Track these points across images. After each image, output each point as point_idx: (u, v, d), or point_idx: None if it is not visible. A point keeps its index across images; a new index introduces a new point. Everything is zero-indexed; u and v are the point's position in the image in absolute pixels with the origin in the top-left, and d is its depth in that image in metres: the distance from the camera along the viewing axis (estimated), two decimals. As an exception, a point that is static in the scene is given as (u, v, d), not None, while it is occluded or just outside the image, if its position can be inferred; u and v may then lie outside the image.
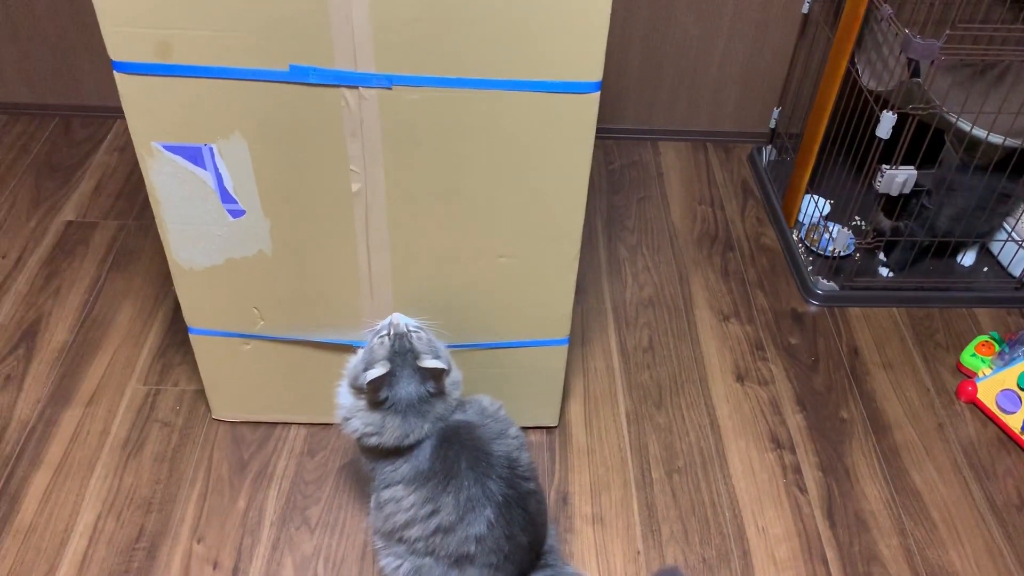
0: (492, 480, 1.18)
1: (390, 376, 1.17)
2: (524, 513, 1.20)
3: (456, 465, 1.18)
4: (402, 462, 1.20)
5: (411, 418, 1.18)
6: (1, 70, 2.19)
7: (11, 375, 1.62)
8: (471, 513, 1.17)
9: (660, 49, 2.15)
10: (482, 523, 1.17)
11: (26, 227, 1.93)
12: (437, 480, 1.18)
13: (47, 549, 1.36)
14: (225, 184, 1.22)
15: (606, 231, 2.02)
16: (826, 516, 1.47)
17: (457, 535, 1.17)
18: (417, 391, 1.18)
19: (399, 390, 1.18)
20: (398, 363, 1.18)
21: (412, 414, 1.18)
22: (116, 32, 1.08)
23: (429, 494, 1.18)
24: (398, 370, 1.18)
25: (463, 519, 1.17)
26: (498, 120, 1.15)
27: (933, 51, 1.54)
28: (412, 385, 1.18)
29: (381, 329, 1.22)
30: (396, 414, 1.18)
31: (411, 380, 1.18)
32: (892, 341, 1.79)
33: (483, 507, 1.17)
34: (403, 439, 1.18)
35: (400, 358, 1.18)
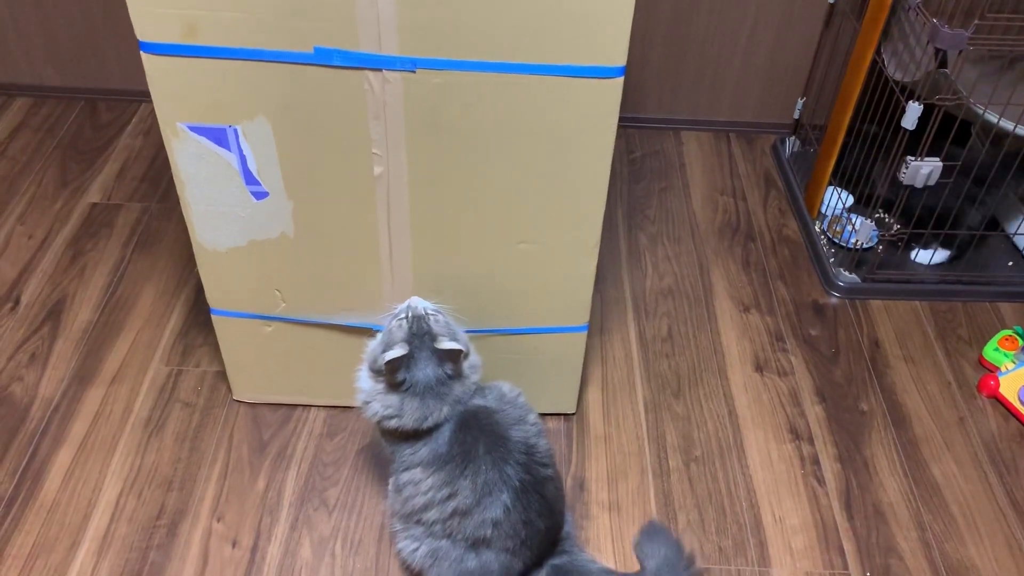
0: (509, 465, 1.18)
1: (408, 358, 1.18)
2: (541, 499, 1.21)
3: (474, 449, 1.18)
4: (421, 445, 1.21)
5: (429, 400, 1.18)
6: (29, 53, 2.21)
7: (36, 353, 1.64)
8: (488, 497, 1.17)
9: (684, 38, 2.13)
10: (499, 507, 1.17)
11: (52, 208, 1.95)
12: (455, 464, 1.18)
13: (70, 525, 1.38)
14: (249, 166, 1.22)
15: (627, 220, 2.02)
16: (844, 508, 1.47)
17: (474, 519, 1.18)
18: (435, 373, 1.18)
19: (417, 372, 1.18)
20: (416, 345, 1.18)
21: (430, 396, 1.18)
22: (144, 12, 1.09)
23: (447, 477, 1.18)
24: (416, 352, 1.18)
25: (480, 503, 1.17)
26: (521, 104, 1.15)
27: (961, 41, 1.52)
28: (430, 367, 1.18)
29: (399, 312, 1.22)
30: (414, 396, 1.18)
31: (429, 362, 1.18)
32: (914, 334, 1.78)
33: (500, 492, 1.17)
34: (422, 421, 1.19)
35: (418, 340, 1.19)
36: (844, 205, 1.99)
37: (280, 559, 1.35)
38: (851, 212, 1.98)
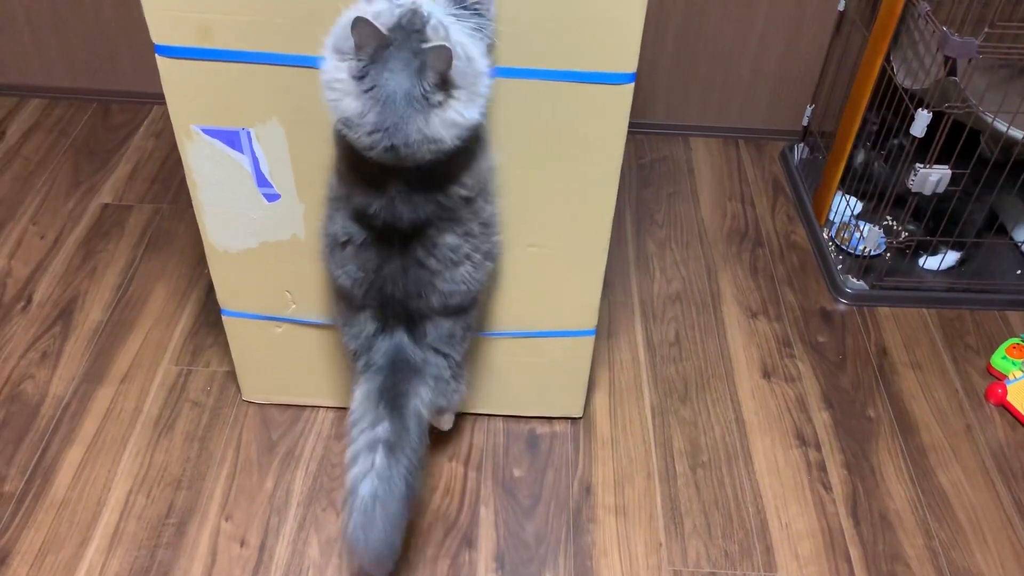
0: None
1: (381, 50, 0.94)
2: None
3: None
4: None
5: (390, 116, 0.96)
6: (44, 55, 2.23)
7: (47, 352, 1.65)
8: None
9: (693, 44, 2.14)
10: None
11: (64, 208, 1.97)
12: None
13: (80, 522, 1.39)
14: (261, 168, 1.24)
15: (635, 225, 2.02)
16: (850, 514, 1.47)
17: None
18: (410, 86, 0.95)
19: (386, 75, 0.95)
20: (398, 40, 0.95)
21: (392, 113, 0.96)
22: (159, 16, 1.10)
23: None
24: (395, 48, 0.94)
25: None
26: (532, 109, 1.16)
27: (971, 49, 1.52)
28: (404, 76, 0.94)
29: (399, 2, 0.97)
30: (375, 105, 0.96)
31: (405, 70, 0.94)
32: (921, 342, 1.78)
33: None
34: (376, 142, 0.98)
35: (403, 35, 0.95)
36: (852, 212, 1.99)
37: (288, 559, 1.36)
38: (859, 219, 1.98)
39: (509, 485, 1.48)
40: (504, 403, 1.56)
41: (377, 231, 1.11)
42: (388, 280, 1.14)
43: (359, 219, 1.11)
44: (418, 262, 1.13)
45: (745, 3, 2.07)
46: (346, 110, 0.98)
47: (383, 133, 0.97)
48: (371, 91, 0.96)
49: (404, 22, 0.96)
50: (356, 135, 0.98)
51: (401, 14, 0.96)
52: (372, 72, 0.96)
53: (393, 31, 0.95)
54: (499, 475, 1.49)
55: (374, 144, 0.98)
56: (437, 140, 0.99)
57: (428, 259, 1.13)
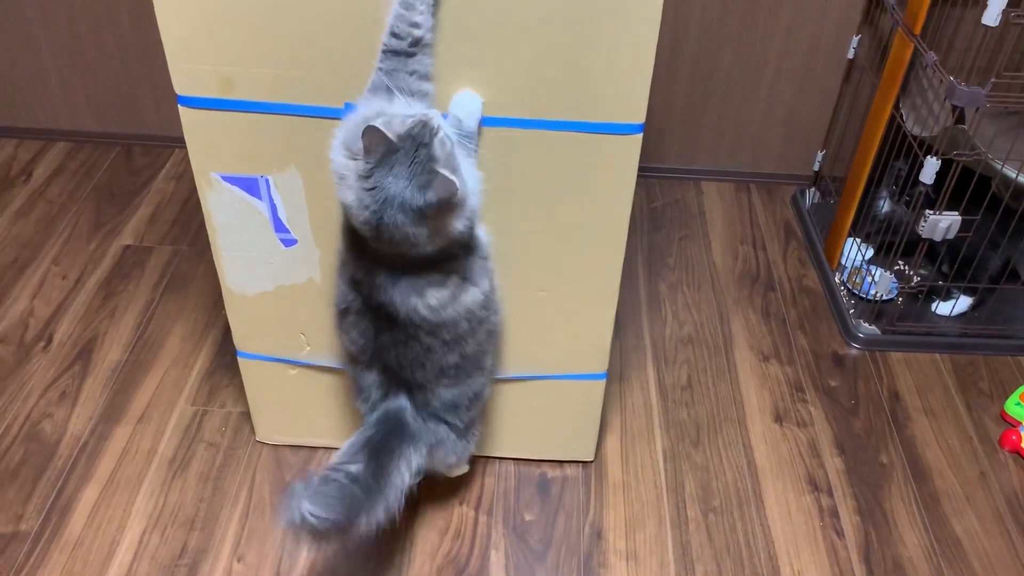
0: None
1: (387, 152, 1.00)
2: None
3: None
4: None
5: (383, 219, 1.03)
6: (69, 100, 2.29)
7: (66, 391, 1.68)
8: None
9: (704, 89, 2.17)
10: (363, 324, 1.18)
11: (86, 250, 2.01)
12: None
13: (93, 562, 1.41)
14: (279, 214, 1.26)
15: (646, 268, 2.04)
16: (863, 561, 1.46)
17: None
18: (407, 194, 1.01)
19: (388, 177, 1.00)
20: (406, 147, 1.00)
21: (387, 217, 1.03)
22: (182, 69, 1.14)
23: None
24: (401, 155, 1.00)
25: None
26: (544, 158, 1.19)
27: (978, 98, 1.54)
28: (403, 183, 1.00)
29: (410, 114, 1.03)
30: (374, 202, 1.02)
31: (406, 177, 1.00)
32: (934, 387, 1.78)
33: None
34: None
35: (410, 143, 1.00)
36: (864, 257, 2.00)
37: (298, 601, 1.37)
38: (871, 264, 1.99)
39: (520, 529, 1.48)
40: (515, 446, 1.57)
41: (371, 302, 1.16)
42: (385, 349, 1.19)
43: (355, 288, 1.16)
44: (410, 336, 1.16)
45: (756, 49, 2.10)
46: (346, 199, 1.05)
47: (374, 228, 1.04)
48: (372, 191, 1.02)
49: (415, 132, 1.01)
50: (351, 215, 1.06)
51: (412, 124, 1.01)
52: (376, 174, 1.02)
53: (403, 139, 1.01)
54: (510, 519, 1.50)
55: (365, 229, 1.06)
56: (422, 246, 1.07)
57: (419, 333, 1.16)
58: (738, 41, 2.09)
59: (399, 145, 1.01)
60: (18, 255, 1.98)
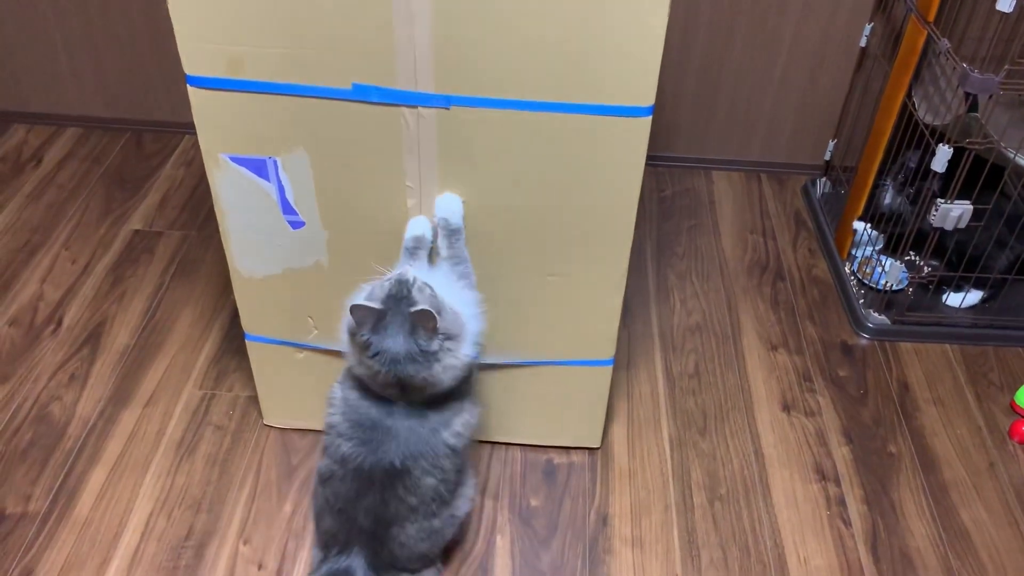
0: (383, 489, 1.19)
1: (378, 319, 1.10)
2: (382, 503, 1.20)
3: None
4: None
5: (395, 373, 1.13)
6: (80, 86, 2.29)
7: (75, 374, 1.68)
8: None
9: (715, 79, 2.16)
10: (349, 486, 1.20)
11: (96, 235, 2.01)
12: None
13: (101, 542, 1.41)
14: (287, 196, 1.26)
15: (655, 257, 2.03)
16: (870, 550, 1.45)
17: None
18: (406, 344, 1.10)
19: (386, 339, 1.10)
20: (391, 308, 1.10)
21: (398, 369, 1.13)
22: (191, 48, 1.14)
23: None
24: (390, 316, 1.10)
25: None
26: (552, 141, 1.18)
27: (991, 86, 1.53)
28: (400, 337, 1.10)
29: (387, 277, 1.16)
30: (381, 366, 1.12)
31: (400, 330, 1.10)
32: (944, 378, 1.77)
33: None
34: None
35: (394, 303, 1.11)
36: (874, 247, 1.99)
37: (304, 583, 1.37)
38: (881, 254, 1.98)
39: (526, 514, 1.48)
40: (522, 432, 1.57)
41: (368, 465, 1.19)
42: (362, 513, 1.21)
43: (346, 462, 1.20)
44: (401, 497, 1.20)
45: (768, 37, 2.09)
46: (360, 372, 1.16)
47: (392, 387, 1.15)
48: (377, 356, 1.12)
49: (393, 292, 1.12)
50: (373, 384, 1.16)
51: (390, 286, 1.13)
52: (375, 341, 1.11)
53: (386, 301, 1.11)
54: (516, 504, 1.50)
55: (385, 389, 1.16)
56: (437, 384, 1.15)
57: (419, 481, 1.20)
58: (749, 29, 2.08)
59: (385, 309, 1.11)
60: (28, 239, 1.99)
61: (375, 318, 1.11)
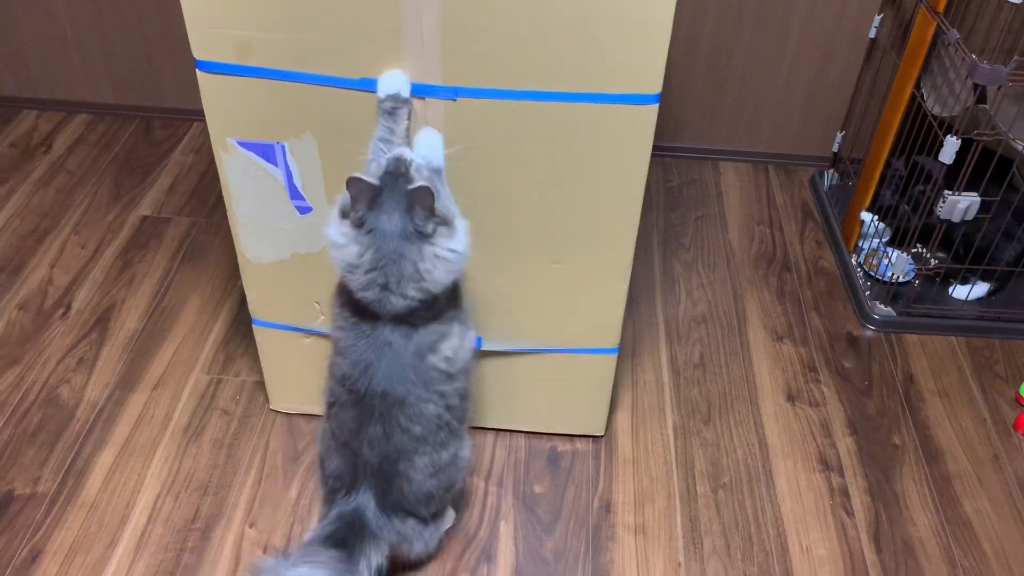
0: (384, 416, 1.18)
1: (374, 195, 1.07)
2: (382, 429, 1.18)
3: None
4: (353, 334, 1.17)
5: (388, 254, 1.09)
6: (90, 73, 2.30)
7: (84, 358, 1.70)
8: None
9: (724, 69, 2.16)
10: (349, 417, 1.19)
11: (105, 220, 2.03)
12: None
13: (109, 524, 1.43)
14: (294, 181, 1.27)
15: (662, 247, 2.03)
16: (872, 540, 1.46)
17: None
18: (402, 224, 1.07)
19: (381, 216, 1.07)
20: (388, 184, 1.08)
21: (390, 251, 1.09)
22: (201, 33, 1.14)
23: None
24: (386, 193, 1.07)
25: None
26: (558, 129, 1.18)
27: (1000, 77, 1.52)
28: (396, 216, 1.07)
29: (386, 156, 1.13)
30: (373, 244, 1.08)
31: (396, 210, 1.07)
32: (949, 370, 1.77)
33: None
34: (371, 285, 1.10)
35: (391, 179, 1.08)
36: (881, 238, 1.99)
37: (309, 566, 1.38)
38: (888, 245, 1.98)
39: (529, 501, 1.49)
40: (526, 419, 1.57)
41: (368, 393, 1.17)
42: (366, 444, 1.19)
43: (346, 383, 1.18)
44: (402, 426, 1.18)
45: (776, 29, 2.08)
46: (348, 255, 1.10)
47: (379, 271, 1.09)
48: (370, 233, 1.08)
49: (391, 169, 1.09)
50: (355, 277, 1.10)
51: (388, 163, 1.10)
52: (370, 217, 1.08)
53: (383, 179, 1.08)
54: (519, 491, 1.50)
55: (370, 284, 1.10)
56: (427, 274, 1.10)
57: (419, 408, 1.18)
58: (758, 20, 2.07)
59: (381, 185, 1.08)
60: (38, 224, 2.00)
61: (371, 194, 1.07)
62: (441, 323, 1.17)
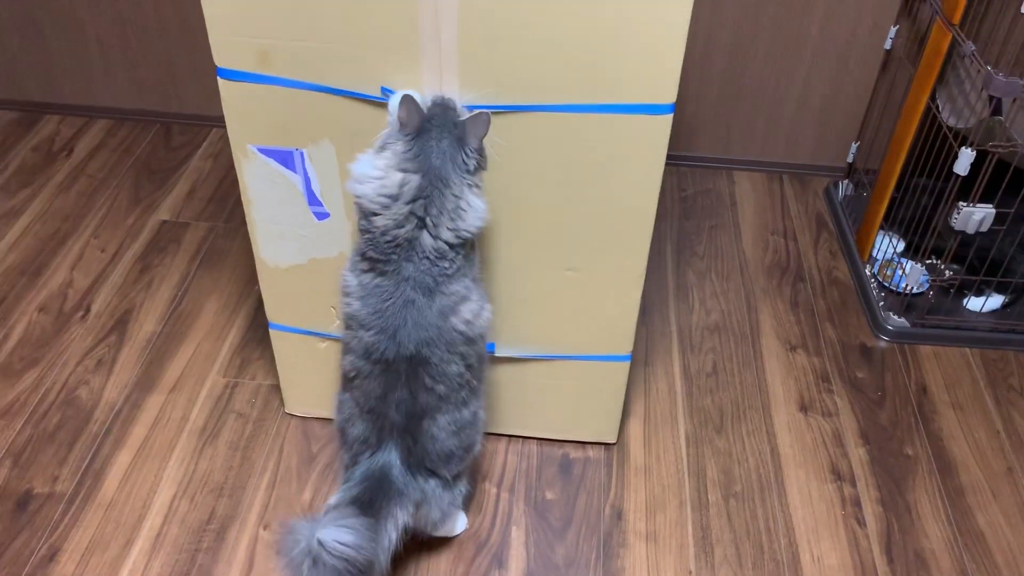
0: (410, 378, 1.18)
1: (423, 122, 1.09)
2: (410, 398, 1.19)
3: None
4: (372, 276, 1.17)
5: (433, 187, 1.09)
6: (111, 78, 2.34)
7: (103, 360, 1.72)
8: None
9: (739, 79, 2.17)
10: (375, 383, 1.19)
11: (124, 224, 2.05)
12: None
13: (125, 524, 1.44)
14: (313, 187, 1.29)
15: (675, 256, 2.04)
16: (884, 551, 1.46)
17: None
18: (451, 149, 1.09)
19: (431, 142, 1.08)
20: (436, 114, 1.10)
21: (438, 181, 1.09)
22: (222, 41, 1.16)
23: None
24: (435, 120, 1.09)
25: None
26: (574, 140, 1.20)
27: (1016, 89, 1.53)
28: (446, 142, 1.09)
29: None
30: (417, 171, 1.09)
31: (446, 137, 1.09)
32: (963, 381, 1.76)
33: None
34: (408, 215, 1.10)
35: (440, 109, 1.10)
36: (896, 249, 1.99)
37: (322, 569, 1.39)
38: (902, 257, 1.97)
39: (541, 507, 1.50)
40: (538, 426, 1.58)
41: (392, 360, 1.17)
42: (392, 406, 1.20)
43: (370, 355, 1.18)
44: (426, 385, 1.19)
45: (791, 40, 2.09)
46: (387, 186, 1.09)
47: (421, 201, 1.10)
48: (418, 157, 1.09)
49: (439, 100, 1.12)
50: (391, 212, 1.10)
51: (434, 97, 1.13)
52: (416, 143, 1.09)
53: (431, 108, 1.11)
54: (531, 497, 1.51)
55: (407, 218, 1.10)
56: (463, 213, 1.11)
57: (442, 368, 1.19)
58: (774, 30, 2.08)
59: (430, 113, 1.10)
60: (59, 227, 2.03)
61: (420, 119, 1.09)
62: (459, 285, 1.17)
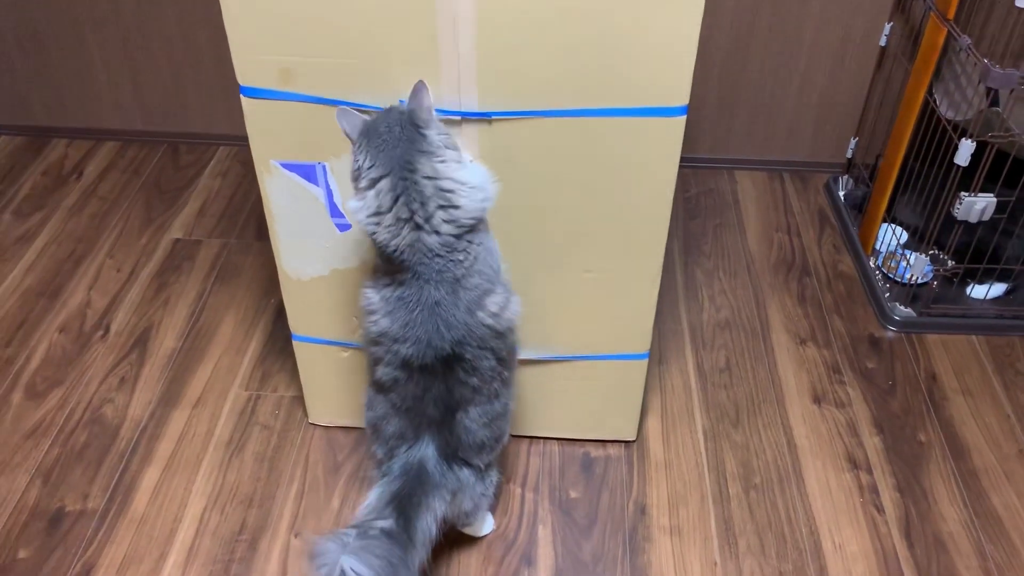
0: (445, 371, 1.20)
1: (367, 127, 1.13)
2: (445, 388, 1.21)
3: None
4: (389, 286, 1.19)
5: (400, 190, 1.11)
6: (118, 100, 2.36)
7: (125, 378, 1.74)
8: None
9: (737, 79, 2.21)
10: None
11: (138, 244, 2.08)
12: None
13: (158, 538, 1.47)
14: (335, 199, 1.32)
15: (683, 256, 2.07)
16: (904, 536, 1.49)
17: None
18: (402, 131, 1.11)
19: (381, 129, 1.11)
20: (381, 114, 1.14)
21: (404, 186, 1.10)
22: (245, 60, 1.19)
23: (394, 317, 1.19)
24: (381, 118, 1.13)
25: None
26: (590, 144, 1.23)
27: (1012, 81, 1.56)
28: (397, 128, 1.11)
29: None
30: (383, 168, 1.11)
31: (396, 124, 1.12)
32: (971, 368, 1.80)
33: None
34: (397, 228, 1.12)
35: (384, 113, 1.14)
36: (899, 241, 2.02)
37: (354, 574, 1.41)
38: (905, 248, 2.01)
39: (566, 506, 1.52)
40: (559, 426, 1.61)
41: (426, 362, 1.19)
42: (429, 403, 1.22)
43: (407, 365, 1.20)
44: (461, 379, 1.21)
45: (788, 39, 2.13)
46: (370, 205, 1.12)
47: (401, 201, 1.10)
48: (379, 158, 1.11)
49: (385, 107, 1.16)
50: (384, 228, 1.12)
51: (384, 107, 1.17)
52: (373, 147, 1.11)
53: (376, 115, 1.14)
54: (556, 496, 1.54)
55: (397, 226, 1.11)
56: (451, 196, 1.11)
57: (476, 363, 1.20)
58: (770, 31, 2.12)
59: (374, 117, 1.13)
60: (74, 249, 2.06)
61: (364, 128, 1.13)
62: (479, 277, 1.17)
